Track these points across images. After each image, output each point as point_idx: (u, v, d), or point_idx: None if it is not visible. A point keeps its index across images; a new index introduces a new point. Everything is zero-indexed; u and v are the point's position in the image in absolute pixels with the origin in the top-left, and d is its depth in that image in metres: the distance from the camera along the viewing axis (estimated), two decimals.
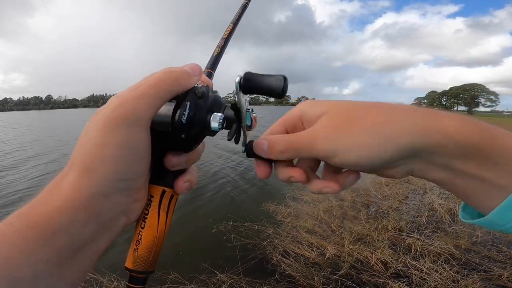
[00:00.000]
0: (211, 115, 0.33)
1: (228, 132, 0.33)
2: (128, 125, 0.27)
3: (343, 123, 0.28)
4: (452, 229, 3.25)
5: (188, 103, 0.31)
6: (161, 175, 0.34)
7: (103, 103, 0.30)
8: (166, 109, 0.30)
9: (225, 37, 0.49)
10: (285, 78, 0.31)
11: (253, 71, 0.32)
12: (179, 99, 0.31)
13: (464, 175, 0.26)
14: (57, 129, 20.98)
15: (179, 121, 0.30)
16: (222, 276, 2.47)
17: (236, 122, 0.33)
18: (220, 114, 0.33)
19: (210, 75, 0.43)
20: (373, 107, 0.29)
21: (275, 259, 2.73)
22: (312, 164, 0.35)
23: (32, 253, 0.24)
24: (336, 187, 0.32)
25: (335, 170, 0.33)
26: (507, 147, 0.25)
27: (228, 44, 0.49)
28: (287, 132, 0.33)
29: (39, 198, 0.27)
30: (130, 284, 0.33)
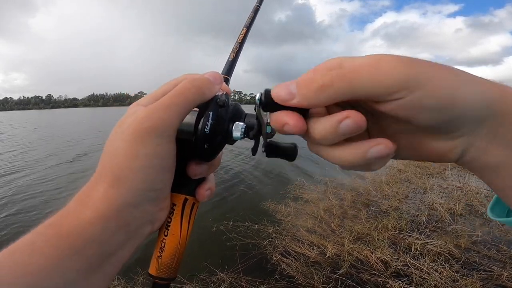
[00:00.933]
0: (232, 125, 0.33)
1: (252, 148, 0.33)
2: (157, 136, 0.28)
3: (416, 59, 0.22)
4: (452, 228, 3.24)
5: (211, 113, 0.31)
6: (183, 183, 0.35)
7: (103, 103, 0.30)
8: (189, 118, 0.31)
9: (239, 41, 0.48)
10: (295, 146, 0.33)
11: (254, 71, 0.35)
12: (201, 108, 0.32)
13: None
14: (63, 128, 20.97)
15: (202, 131, 0.31)
16: (222, 275, 2.47)
17: (256, 133, 0.32)
18: (242, 123, 0.33)
19: (226, 81, 0.42)
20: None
21: (275, 258, 2.73)
22: None
23: (63, 263, 0.25)
24: (389, 143, 0.23)
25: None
26: None
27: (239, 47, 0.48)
28: None
29: (69, 208, 0.28)
30: None
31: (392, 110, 0.22)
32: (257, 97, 0.27)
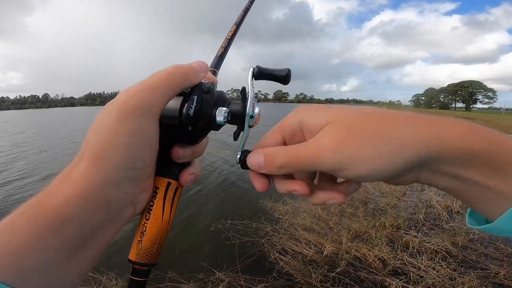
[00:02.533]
0: (216, 109, 0.34)
1: (234, 133, 0.35)
2: (140, 115, 0.29)
3: (350, 135, 0.27)
4: (450, 226, 3.26)
5: (196, 97, 0.32)
6: (167, 167, 0.35)
7: (101, 102, 0.31)
8: (174, 103, 0.32)
9: (228, 37, 0.50)
10: (289, 70, 0.35)
11: (251, 68, 0.35)
12: (186, 94, 0.33)
13: (471, 183, 0.26)
14: (66, 126, 20.90)
15: (186, 113, 0.32)
16: (220, 274, 2.47)
17: (240, 120, 0.34)
18: (225, 108, 0.34)
19: (214, 73, 0.44)
20: (374, 116, 0.28)
21: (273, 256, 2.74)
22: (311, 175, 0.35)
23: (42, 242, 0.24)
24: (341, 198, 0.31)
25: (332, 179, 0.33)
26: None
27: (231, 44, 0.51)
28: (284, 143, 0.33)
29: (50, 188, 0.27)
30: (132, 277, 0.33)
31: (340, 177, 0.29)
32: (237, 157, 0.33)
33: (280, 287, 2.35)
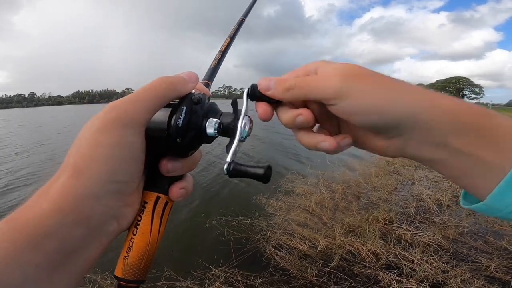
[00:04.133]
0: (206, 121, 0.33)
1: (227, 146, 0.33)
2: (121, 126, 0.28)
3: (361, 75, 0.29)
4: (440, 219, 3.33)
5: (184, 108, 0.32)
6: (155, 181, 0.34)
7: (89, 100, 0.30)
8: (162, 115, 0.31)
9: (222, 50, 0.51)
10: (269, 167, 0.32)
11: (244, 65, 0.36)
12: (174, 105, 0.32)
13: (460, 153, 0.26)
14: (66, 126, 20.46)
15: (175, 125, 0.31)
16: (216, 271, 2.48)
17: (232, 132, 0.33)
18: (215, 119, 0.33)
19: (207, 85, 0.44)
20: (387, 76, 0.30)
21: (268, 252, 2.75)
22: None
23: (20, 257, 0.23)
24: (333, 143, 0.31)
25: (330, 130, 0.35)
26: (505, 125, 0.25)
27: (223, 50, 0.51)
28: None
29: (28, 202, 0.26)
30: None
31: (335, 113, 0.30)
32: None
33: (277, 282, 2.36)
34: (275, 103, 0.33)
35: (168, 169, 0.33)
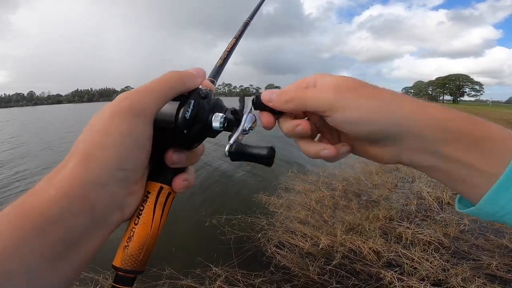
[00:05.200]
0: (212, 115, 0.34)
1: (229, 135, 0.34)
2: (132, 115, 0.29)
3: (353, 87, 0.31)
4: (441, 217, 3.33)
5: (193, 101, 0.33)
6: (160, 172, 0.35)
7: (88, 98, 0.30)
8: (170, 107, 0.32)
9: (227, 50, 0.53)
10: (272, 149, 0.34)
11: (243, 63, 0.38)
12: (183, 99, 0.33)
13: (451, 160, 0.27)
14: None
15: (183, 117, 0.32)
16: (217, 269, 2.47)
17: (236, 125, 0.35)
18: (221, 114, 0.34)
19: (212, 83, 0.45)
20: (379, 87, 0.31)
21: (269, 250, 2.75)
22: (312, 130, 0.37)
23: (25, 245, 0.23)
24: (333, 150, 0.33)
25: (330, 140, 0.36)
26: (493, 132, 0.26)
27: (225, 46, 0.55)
28: None
29: (35, 188, 0.26)
30: (116, 284, 0.31)
31: (331, 123, 0.32)
32: (226, 148, 0.33)
33: (278, 281, 2.36)
34: (277, 113, 0.35)
35: (173, 160, 0.34)
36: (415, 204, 3.68)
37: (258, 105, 0.35)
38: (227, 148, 0.33)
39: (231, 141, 0.33)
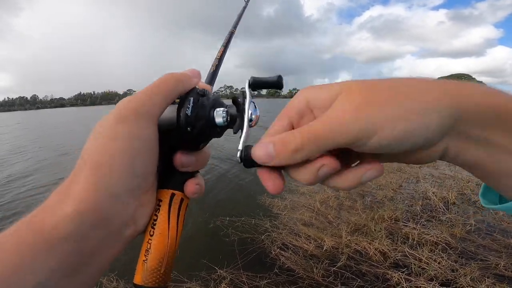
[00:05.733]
0: (214, 111, 0.33)
1: (234, 126, 0.33)
2: (139, 118, 0.28)
3: (370, 96, 0.24)
4: (447, 217, 3.29)
5: (192, 98, 0.32)
6: (169, 178, 0.34)
7: (91, 101, 0.29)
8: (171, 109, 0.32)
9: (218, 57, 0.55)
10: (280, 76, 0.34)
11: (244, 65, 0.35)
12: (182, 99, 0.32)
13: (500, 149, 0.23)
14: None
15: (184, 114, 0.31)
16: (222, 272, 2.46)
17: (239, 117, 0.33)
18: (222, 108, 0.33)
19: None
20: (390, 79, 0.25)
21: (273, 252, 2.73)
22: None
23: (36, 261, 0.23)
24: (378, 166, 0.26)
25: (347, 164, 0.28)
26: None
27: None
28: (293, 128, 0.28)
29: (47, 203, 0.26)
30: None
31: (362, 151, 0.25)
32: (238, 154, 0.28)
33: (283, 283, 2.34)
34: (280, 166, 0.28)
35: (183, 163, 0.33)
36: (420, 205, 3.64)
37: (249, 162, 0.28)
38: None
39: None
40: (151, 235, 0.31)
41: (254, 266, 2.57)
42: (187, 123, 0.31)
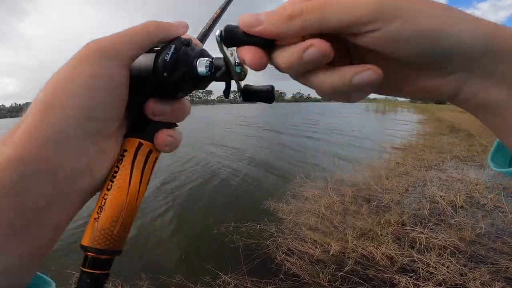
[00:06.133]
0: (197, 60, 0.29)
1: (223, 91, 0.31)
2: (105, 57, 0.25)
3: None
4: (455, 221, 3.23)
5: (174, 45, 0.28)
6: (139, 127, 0.30)
7: None
8: (150, 56, 0.28)
9: (213, 18, 0.45)
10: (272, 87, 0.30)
11: None
12: (163, 45, 0.29)
13: None
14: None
15: (162, 59, 0.27)
16: (226, 277, 2.43)
17: (225, 71, 0.29)
18: (206, 58, 0.29)
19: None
20: None
21: (279, 258, 2.69)
22: None
23: None
24: (376, 68, 0.21)
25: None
26: None
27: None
28: None
29: None
30: (86, 269, 0.25)
31: (370, 44, 0.21)
32: (217, 34, 0.25)
33: None
34: (265, 45, 0.24)
35: (155, 110, 0.29)
36: (428, 209, 3.58)
37: (233, 39, 0.25)
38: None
39: (238, 92, 0.30)
40: (108, 189, 0.27)
41: (259, 271, 2.54)
42: (164, 67, 0.27)
